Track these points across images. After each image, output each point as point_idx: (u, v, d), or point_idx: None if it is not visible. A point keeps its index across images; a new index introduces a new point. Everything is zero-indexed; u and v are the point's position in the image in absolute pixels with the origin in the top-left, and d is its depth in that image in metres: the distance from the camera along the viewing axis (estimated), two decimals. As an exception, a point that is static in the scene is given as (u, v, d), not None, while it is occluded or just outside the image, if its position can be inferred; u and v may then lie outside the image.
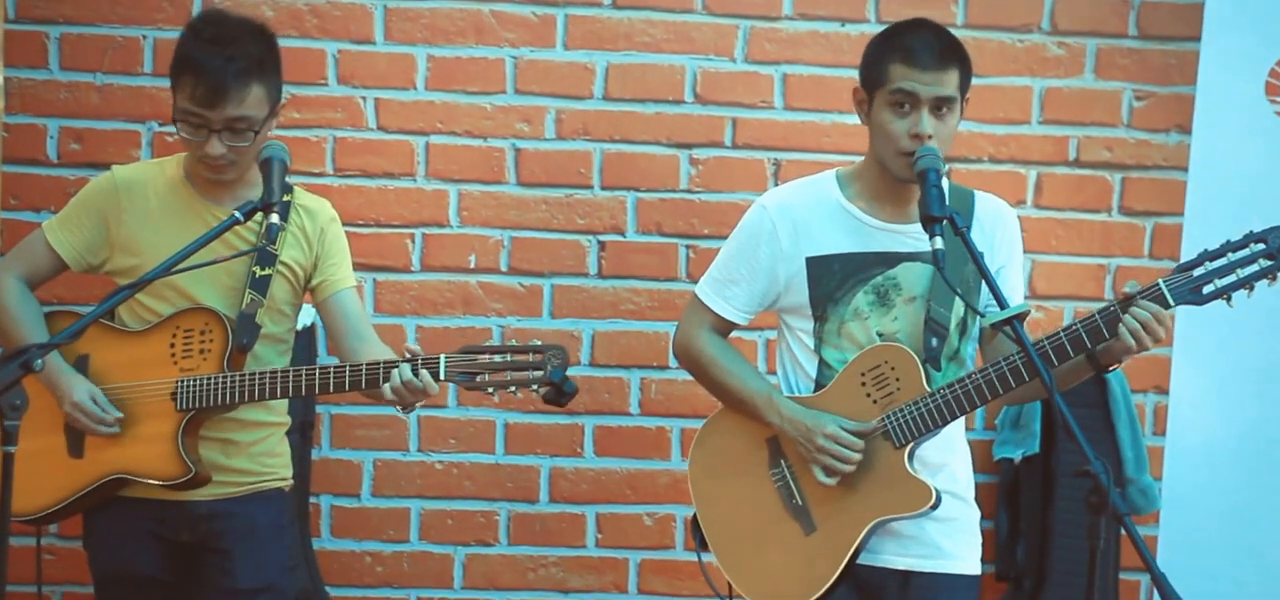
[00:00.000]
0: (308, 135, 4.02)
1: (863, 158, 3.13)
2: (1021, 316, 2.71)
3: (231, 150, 3.06)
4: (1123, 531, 2.47)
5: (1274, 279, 2.82)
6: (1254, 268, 2.81)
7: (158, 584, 3.22)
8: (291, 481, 3.35)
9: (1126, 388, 4.14)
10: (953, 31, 3.06)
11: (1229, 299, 2.83)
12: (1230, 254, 2.81)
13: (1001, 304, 2.73)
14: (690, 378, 3.30)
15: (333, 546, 4.11)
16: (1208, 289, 2.82)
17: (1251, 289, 2.81)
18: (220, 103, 3.01)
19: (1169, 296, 2.82)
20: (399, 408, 3.05)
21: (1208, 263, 2.83)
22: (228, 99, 3.01)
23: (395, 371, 3.00)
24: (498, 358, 3.01)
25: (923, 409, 2.97)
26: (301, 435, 3.90)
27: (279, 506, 3.31)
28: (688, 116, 4.11)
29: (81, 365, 3.19)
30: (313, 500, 4.07)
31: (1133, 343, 2.83)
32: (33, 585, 3.52)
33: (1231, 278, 2.81)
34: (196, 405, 3.10)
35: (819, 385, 3.11)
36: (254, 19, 3.20)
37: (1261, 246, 2.81)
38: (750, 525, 3.13)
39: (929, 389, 2.98)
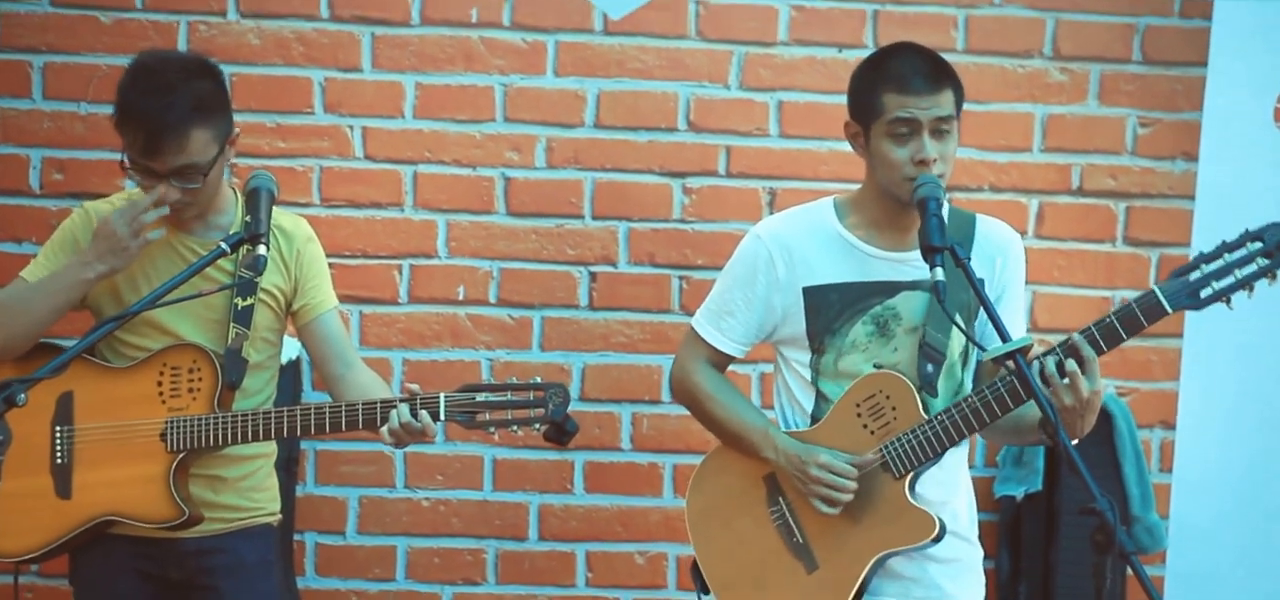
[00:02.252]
0: (294, 165, 4.11)
1: (860, 186, 3.19)
2: (1023, 351, 2.75)
3: (186, 193, 3.11)
4: (1129, 571, 2.52)
5: (1273, 278, 2.83)
6: (1252, 267, 2.83)
7: (145, 623, 3.32)
8: (279, 515, 3.43)
9: (1132, 423, 4.20)
10: (952, 57, 3.13)
11: (1229, 301, 2.85)
12: (1227, 255, 2.84)
13: (1002, 335, 2.79)
14: (683, 412, 3.38)
15: (318, 585, 4.19)
16: (1205, 292, 2.85)
17: (1251, 289, 2.83)
18: (162, 153, 3.06)
19: (1166, 303, 2.85)
20: (394, 445, 3.11)
21: (1204, 265, 2.86)
22: (166, 150, 3.06)
23: (393, 413, 3.07)
24: (498, 396, 3.08)
25: (920, 437, 3.03)
26: (286, 471, 3.93)
27: (267, 542, 3.39)
28: (681, 144, 4.20)
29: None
30: (297, 537, 4.15)
31: (1045, 390, 2.82)
32: (10, 626, 3.63)
33: (1229, 279, 2.84)
34: (188, 446, 3.17)
35: (815, 419, 3.17)
36: (193, 57, 3.27)
37: (1258, 244, 2.84)
38: (751, 565, 3.18)
39: (925, 416, 3.03)
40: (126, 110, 3.09)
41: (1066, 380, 2.85)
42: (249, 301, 3.22)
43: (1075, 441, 2.87)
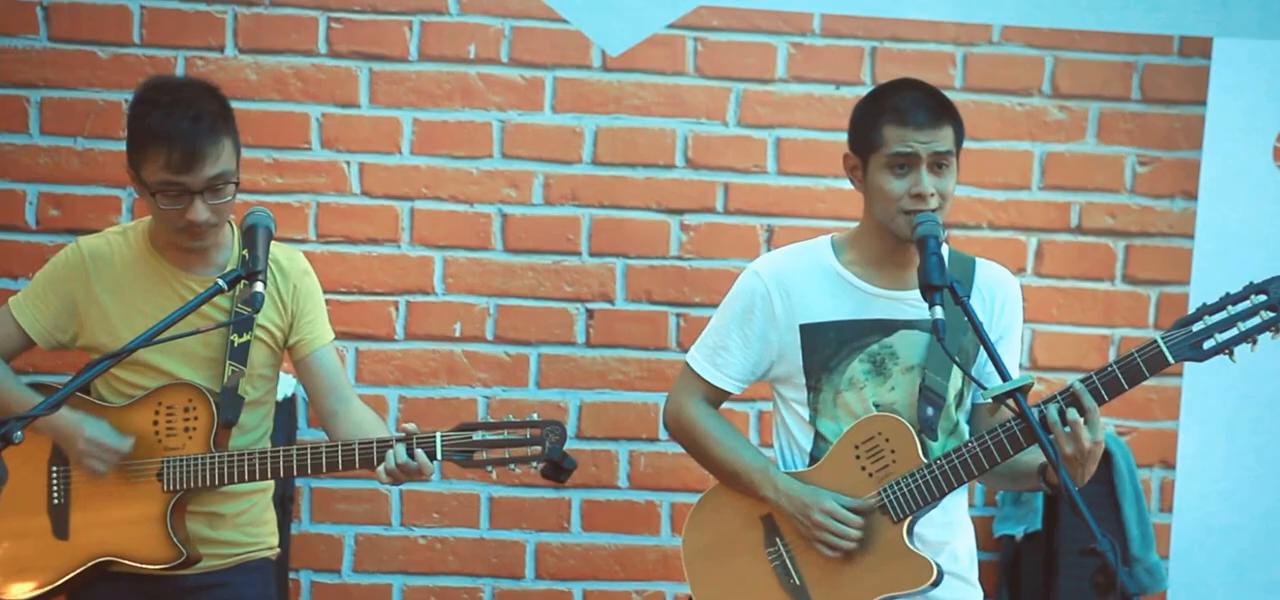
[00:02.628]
0: (290, 201, 4.12)
1: (858, 223, 3.20)
2: (1024, 389, 2.76)
3: (214, 211, 3.11)
4: None
5: (1277, 331, 2.85)
6: (1256, 320, 2.84)
7: (145, 659, 3.33)
8: (278, 549, 3.42)
9: (1132, 463, 4.21)
10: (951, 95, 3.14)
11: (1232, 353, 2.86)
12: (1230, 307, 2.85)
13: (1002, 375, 2.80)
14: (681, 450, 3.38)
15: (313, 624, 4.25)
16: (1208, 344, 2.86)
17: (1254, 342, 2.85)
18: (199, 165, 3.06)
19: (1168, 354, 2.86)
20: (391, 484, 3.11)
21: (1207, 316, 2.87)
22: (205, 159, 3.06)
23: (390, 452, 3.08)
24: (494, 434, 3.08)
25: (920, 481, 3.03)
26: (281, 508, 3.92)
27: (266, 576, 3.38)
28: (678, 181, 4.21)
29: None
30: (292, 576, 4.15)
31: (1046, 438, 2.81)
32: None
33: (1233, 331, 2.85)
34: (184, 486, 3.17)
35: (813, 458, 3.17)
36: (195, 78, 3.26)
37: (1263, 298, 2.84)
38: None
39: (925, 460, 3.04)
40: (154, 130, 3.07)
41: (1068, 428, 2.85)
42: (245, 338, 3.22)
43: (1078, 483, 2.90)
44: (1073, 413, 2.85)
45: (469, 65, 4.14)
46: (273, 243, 3.26)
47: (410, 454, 3.06)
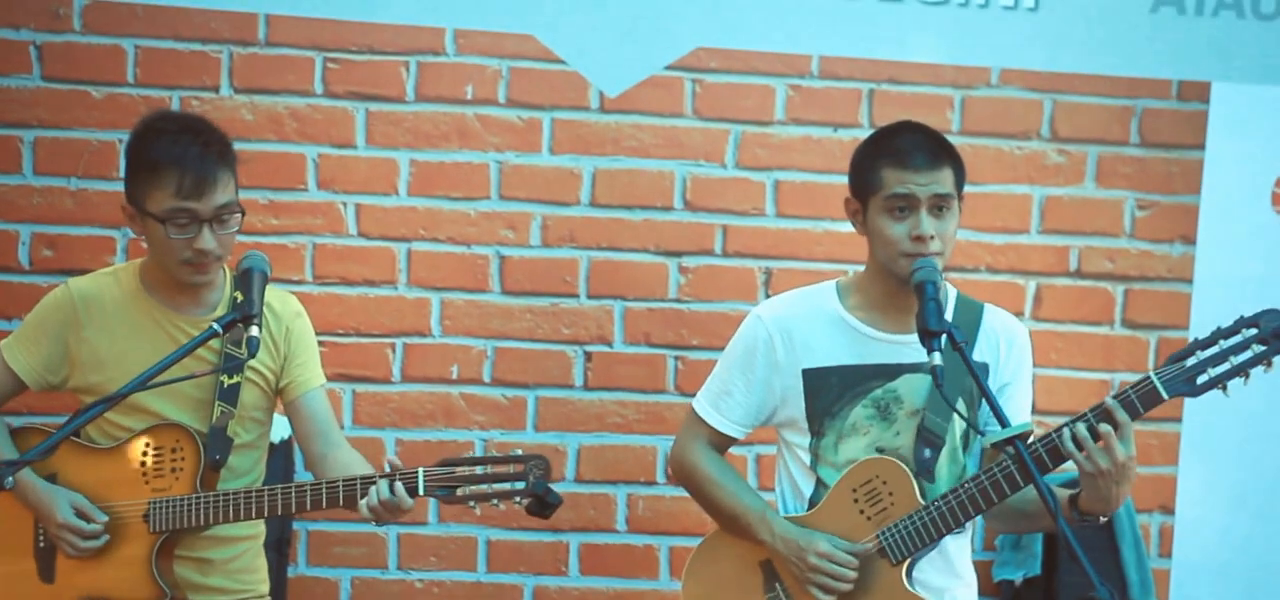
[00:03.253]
0: (286, 242, 4.07)
1: (862, 267, 3.17)
2: (1023, 437, 2.74)
3: (220, 242, 3.08)
4: None
5: (1269, 365, 2.82)
6: (1248, 354, 2.82)
7: (135, 708, 3.25)
8: (268, 598, 3.37)
9: (1131, 508, 4.16)
10: (949, 138, 3.11)
11: (1225, 388, 2.83)
12: (1222, 341, 2.83)
13: (1001, 420, 2.76)
14: (680, 493, 3.36)
15: (308, 667, 4.16)
16: (1202, 379, 2.83)
17: (1247, 376, 2.82)
18: (209, 192, 3.04)
19: (1162, 390, 2.83)
20: (374, 521, 3.07)
21: (1200, 351, 2.84)
22: (215, 186, 3.05)
23: (372, 489, 3.03)
24: (478, 469, 3.03)
25: (918, 523, 3.00)
26: (277, 552, 3.90)
27: (257, 623, 3.35)
28: (677, 223, 4.17)
29: (50, 484, 3.19)
30: (287, 619, 4.11)
31: (1079, 456, 2.82)
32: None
33: (1225, 366, 2.82)
34: (169, 527, 3.12)
35: (812, 504, 3.13)
36: (194, 113, 3.25)
37: (1254, 331, 2.82)
38: None
39: (922, 502, 3.01)
40: (163, 158, 3.05)
41: (1100, 443, 2.82)
42: (236, 380, 3.18)
43: (1110, 514, 2.89)
44: (1105, 427, 2.82)
45: (466, 106, 4.10)
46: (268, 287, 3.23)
47: (392, 490, 3.00)
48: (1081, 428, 2.84)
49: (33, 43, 4.01)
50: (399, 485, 3.01)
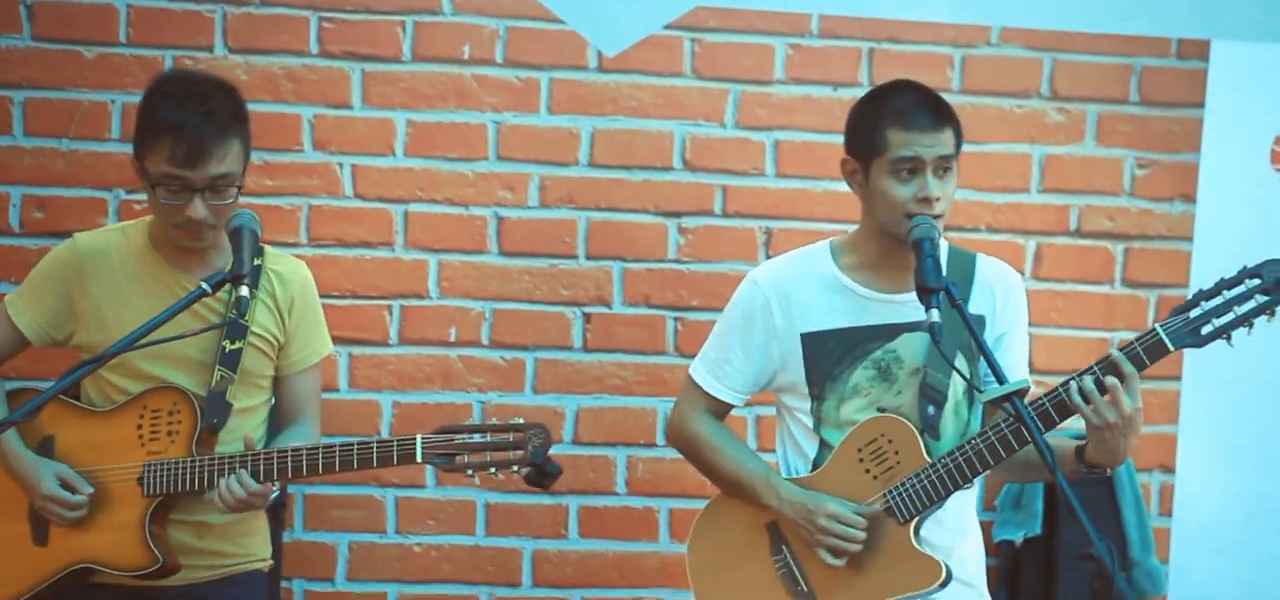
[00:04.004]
0: (282, 203, 3.98)
1: (856, 227, 3.12)
2: (1021, 393, 2.71)
3: (213, 211, 3.01)
4: None
5: (1272, 314, 2.80)
6: (1251, 304, 2.79)
7: (131, 674, 3.13)
8: (270, 561, 3.30)
9: (1131, 467, 4.12)
10: (949, 97, 3.07)
11: (1229, 338, 2.80)
12: (1226, 292, 2.80)
13: (999, 377, 2.72)
14: (679, 455, 3.28)
15: (306, 634, 4.05)
16: (1206, 329, 2.80)
17: (1251, 326, 2.79)
18: (202, 161, 2.96)
19: (1168, 341, 2.79)
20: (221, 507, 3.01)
21: (1204, 302, 2.81)
22: (210, 157, 2.97)
23: (232, 476, 2.98)
24: (477, 438, 2.98)
25: (924, 481, 2.96)
26: (273, 516, 3.83)
27: (256, 590, 3.26)
28: (676, 184, 4.11)
29: (45, 447, 3.13)
30: (285, 584, 4.01)
31: (1087, 409, 2.80)
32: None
33: (1229, 316, 2.80)
34: (164, 490, 3.05)
35: (816, 465, 3.09)
36: (216, 76, 3.18)
37: (1257, 281, 2.80)
38: None
39: (929, 460, 2.97)
40: (163, 121, 2.99)
41: (1107, 396, 2.78)
42: (237, 345, 3.10)
43: (1119, 466, 2.87)
44: (1111, 379, 2.78)
45: (463, 66, 4.00)
46: (276, 253, 3.24)
47: (388, 461, 2.96)
48: (1088, 381, 2.79)
49: (23, 2, 3.92)
50: (248, 477, 2.96)
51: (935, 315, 2.76)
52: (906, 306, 3.02)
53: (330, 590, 4.08)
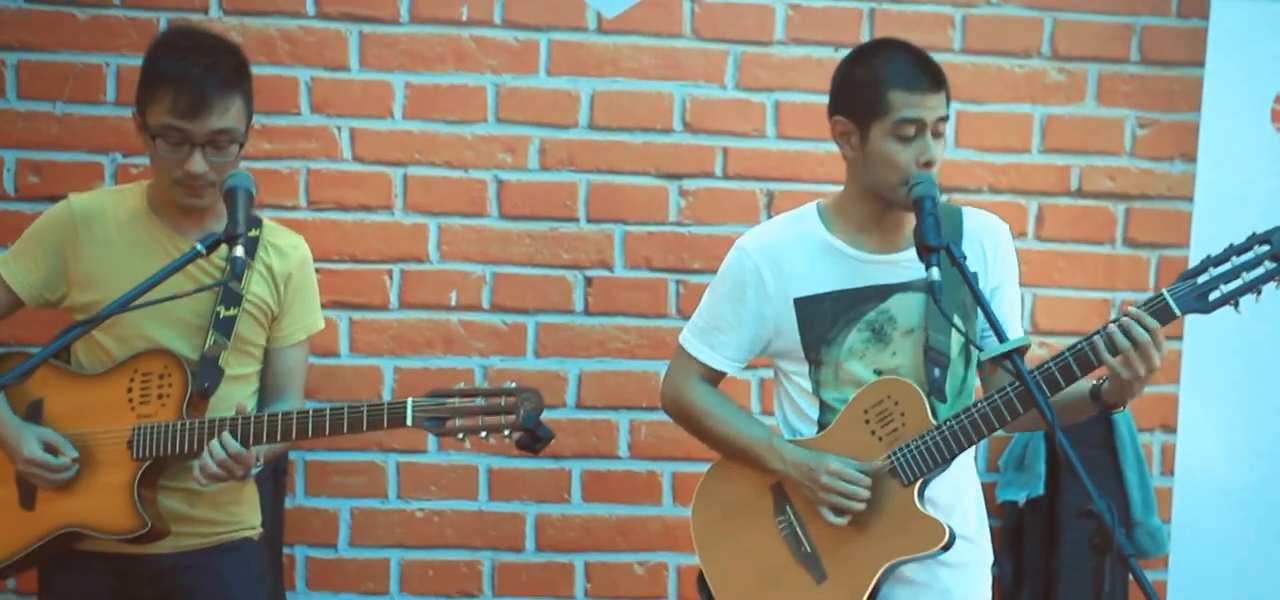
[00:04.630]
0: (279, 167, 3.86)
1: (842, 189, 3.04)
2: (1021, 351, 2.65)
3: (213, 167, 2.93)
4: (1131, 577, 2.42)
5: None
6: (1260, 270, 2.74)
7: (120, 642, 3.00)
8: (261, 530, 3.21)
9: (1133, 427, 4.04)
10: (950, 57, 3.04)
11: (1236, 304, 2.74)
12: (1234, 258, 2.75)
13: (1000, 335, 2.66)
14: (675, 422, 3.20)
15: (308, 600, 3.93)
16: (1214, 295, 2.75)
17: (1259, 293, 2.74)
18: (203, 114, 2.90)
19: (1175, 306, 2.74)
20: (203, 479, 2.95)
21: (1212, 268, 2.75)
22: (211, 110, 2.91)
23: (214, 442, 2.91)
24: (469, 402, 2.90)
25: (930, 443, 2.89)
26: (274, 482, 3.78)
27: (248, 558, 3.17)
28: (677, 146, 4.01)
29: (35, 411, 3.04)
30: (287, 551, 3.91)
31: (1115, 362, 2.73)
32: (-13, 643, 3.35)
33: (1237, 282, 2.74)
34: (153, 454, 2.96)
35: (821, 426, 3.01)
36: (223, 35, 3.09)
37: (1266, 247, 2.74)
38: (758, 576, 3.03)
39: (934, 422, 2.91)
40: (165, 72, 2.93)
41: (1141, 341, 2.73)
42: (232, 311, 3.01)
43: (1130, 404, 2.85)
44: (1141, 333, 2.72)
45: (462, 27, 3.88)
46: (274, 224, 3.17)
47: (378, 424, 2.91)
48: (1118, 334, 2.73)
49: (15, -36, 3.72)
50: (229, 438, 2.88)
51: (936, 273, 2.72)
52: (898, 266, 2.97)
53: (332, 556, 3.98)
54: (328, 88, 3.92)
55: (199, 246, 2.77)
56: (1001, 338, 2.70)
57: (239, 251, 2.79)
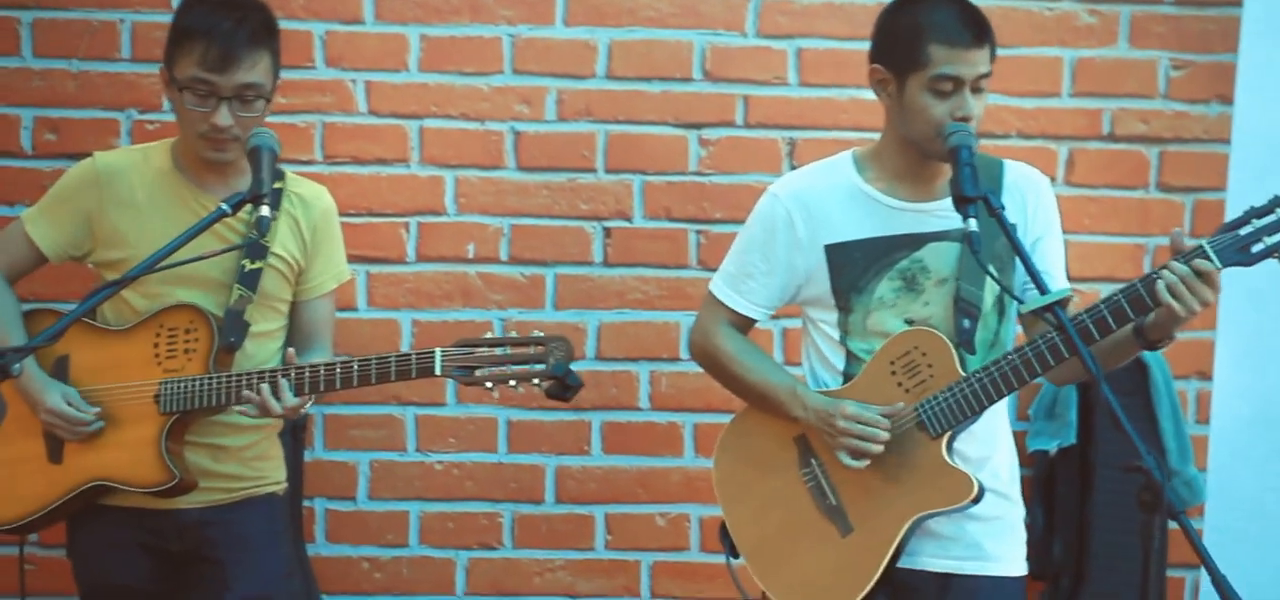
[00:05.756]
0: (295, 121, 3.95)
1: (880, 137, 3.06)
2: (1063, 303, 2.65)
3: (239, 122, 3.02)
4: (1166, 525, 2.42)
5: None
6: None
7: (146, 595, 3.20)
8: (285, 485, 3.32)
9: (1168, 374, 4.07)
10: (979, 1, 2.99)
11: None
12: (1279, 209, 2.71)
13: (1041, 287, 2.68)
14: (702, 369, 3.25)
15: (328, 553, 4.07)
16: (1257, 248, 2.72)
17: None
18: (231, 68, 2.98)
19: (1215, 258, 2.71)
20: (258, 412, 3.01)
21: (1255, 219, 2.72)
22: (239, 64, 2.99)
23: (264, 386, 2.98)
24: (497, 351, 2.96)
25: (958, 395, 2.91)
26: (293, 436, 3.84)
27: (273, 512, 3.28)
28: (696, 95, 4.05)
29: (61, 366, 3.14)
30: (306, 504, 4.02)
31: (1175, 304, 2.71)
32: (16, 597, 3.49)
33: None
34: (180, 408, 3.06)
35: (847, 377, 3.05)
36: None
37: None
38: (782, 528, 3.08)
39: (963, 374, 2.92)
40: (195, 25, 3.01)
41: (1207, 271, 2.70)
42: (257, 265, 3.11)
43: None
44: (1203, 263, 2.70)
45: None
46: (296, 176, 3.25)
47: (407, 374, 2.96)
48: (1174, 278, 2.71)
49: (29, -80, 3.89)
50: (288, 392, 2.97)
51: (973, 224, 2.72)
52: (932, 216, 2.99)
53: (352, 509, 4.09)
54: (342, 41, 4.01)
55: (224, 206, 2.86)
56: (1042, 288, 2.71)
57: (264, 210, 2.88)
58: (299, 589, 3.89)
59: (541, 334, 2.96)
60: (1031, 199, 3.05)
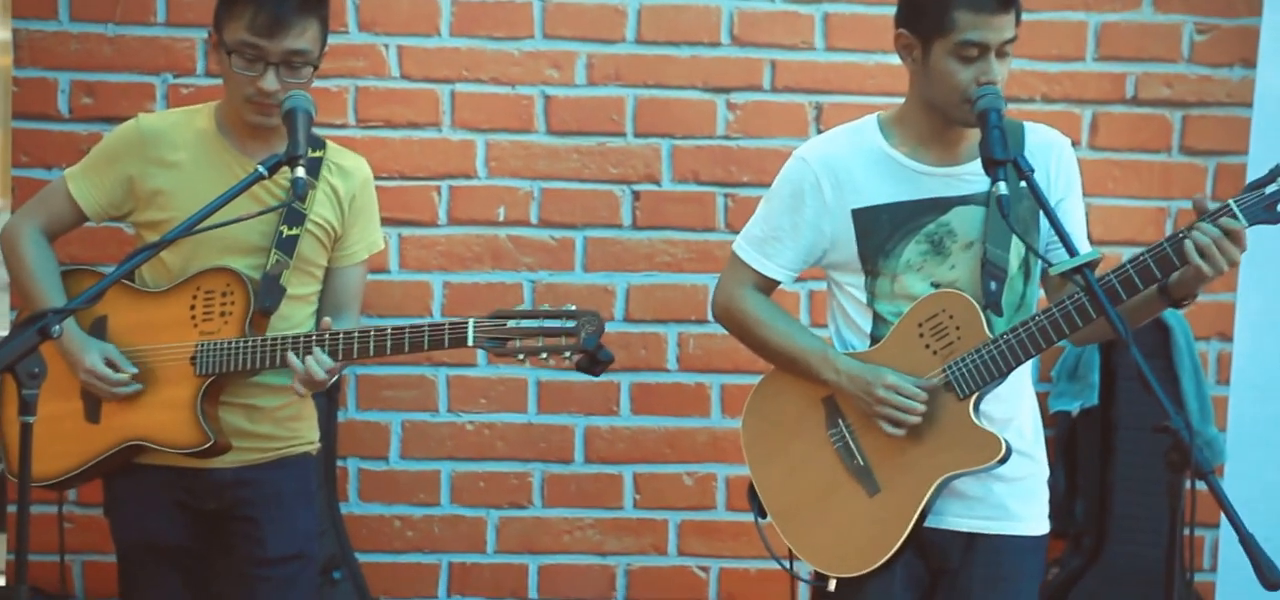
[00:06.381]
0: (328, 85, 3.97)
1: (904, 100, 3.06)
2: (1092, 264, 2.66)
3: (285, 87, 3.03)
4: (1187, 485, 2.42)
5: None
6: None
7: (182, 553, 3.21)
8: (318, 445, 3.33)
9: (1190, 335, 4.08)
10: None
11: None
12: None
13: (1069, 248, 2.69)
14: (725, 330, 3.26)
15: (361, 511, 4.11)
16: None
17: None
18: (281, 33, 2.99)
19: (1240, 216, 2.70)
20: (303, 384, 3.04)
21: None
22: (289, 29, 3.00)
23: (309, 358, 3.00)
24: (529, 323, 2.97)
25: (985, 357, 2.90)
26: (327, 397, 3.88)
27: (306, 472, 3.29)
28: (724, 59, 4.07)
29: (98, 326, 3.17)
30: (340, 464, 4.07)
31: (1203, 264, 2.71)
32: (55, 554, 3.54)
33: None
34: (216, 370, 3.07)
35: (874, 339, 3.05)
36: None
37: None
38: (810, 489, 3.07)
39: (990, 335, 2.92)
40: None
41: (1234, 230, 2.69)
42: (295, 231, 3.12)
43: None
44: (1229, 222, 2.69)
45: None
46: (336, 145, 3.26)
47: (439, 344, 2.99)
48: (1203, 239, 2.71)
49: (64, -115, 3.90)
50: (325, 356, 2.99)
51: (1002, 187, 2.71)
52: (958, 179, 2.99)
53: (384, 469, 4.12)
54: (375, 6, 4.03)
55: (261, 168, 2.87)
56: (1071, 250, 2.70)
57: (300, 172, 2.88)
58: (331, 546, 3.95)
59: (573, 307, 2.97)
60: (1053, 161, 3.05)
